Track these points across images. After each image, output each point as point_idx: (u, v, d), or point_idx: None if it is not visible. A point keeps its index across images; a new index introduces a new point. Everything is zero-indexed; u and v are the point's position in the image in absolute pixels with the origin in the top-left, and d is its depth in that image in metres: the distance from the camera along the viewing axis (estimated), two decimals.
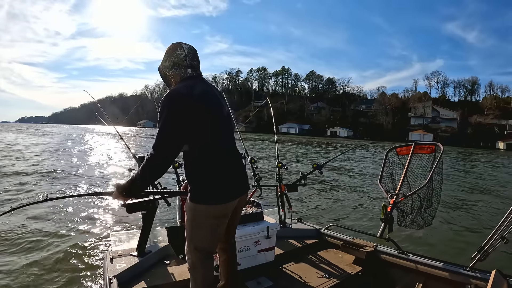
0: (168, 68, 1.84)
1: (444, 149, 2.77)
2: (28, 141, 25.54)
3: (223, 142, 1.84)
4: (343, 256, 2.96)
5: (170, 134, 1.65)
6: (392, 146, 3.16)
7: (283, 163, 3.50)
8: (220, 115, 1.84)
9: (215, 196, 1.76)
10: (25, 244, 4.46)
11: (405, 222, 2.85)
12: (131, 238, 2.87)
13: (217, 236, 1.88)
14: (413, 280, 2.51)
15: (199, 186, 1.77)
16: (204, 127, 1.72)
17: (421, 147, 2.92)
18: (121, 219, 5.62)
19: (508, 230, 2.16)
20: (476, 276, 2.23)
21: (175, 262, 2.66)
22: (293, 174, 5.46)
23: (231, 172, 1.85)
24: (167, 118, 1.65)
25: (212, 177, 1.76)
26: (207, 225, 1.80)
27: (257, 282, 2.49)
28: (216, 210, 1.77)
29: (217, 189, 1.77)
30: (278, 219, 3.36)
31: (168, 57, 1.84)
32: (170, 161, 1.69)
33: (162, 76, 1.91)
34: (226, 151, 1.86)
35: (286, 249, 3.03)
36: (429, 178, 2.68)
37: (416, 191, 2.75)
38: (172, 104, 1.66)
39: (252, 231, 2.58)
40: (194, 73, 1.85)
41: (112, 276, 2.25)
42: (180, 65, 1.81)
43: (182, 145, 1.71)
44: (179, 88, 1.75)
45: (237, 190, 1.88)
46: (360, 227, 5.74)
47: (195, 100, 1.69)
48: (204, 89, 1.80)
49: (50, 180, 9.28)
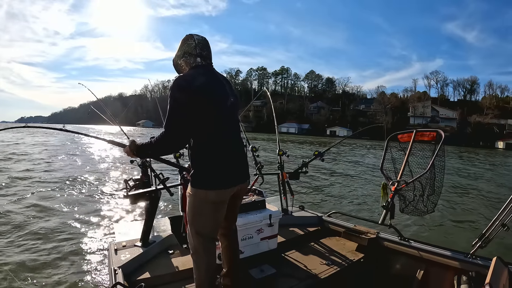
0: (179, 57, 1.94)
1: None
2: (30, 141, 25.50)
3: (226, 131, 1.88)
4: (345, 243, 2.98)
5: (175, 117, 1.74)
6: (394, 133, 3.16)
7: (284, 151, 3.49)
8: (223, 105, 1.87)
9: (214, 181, 1.80)
10: (29, 234, 4.50)
11: (407, 209, 2.85)
12: (135, 229, 2.89)
13: (217, 221, 1.92)
14: (415, 267, 2.52)
15: (200, 172, 1.81)
16: (204, 117, 1.77)
17: (423, 134, 2.92)
18: (124, 210, 5.65)
19: (509, 217, 2.17)
20: (477, 263, 2.25)
21: (178, 251, 2.67)
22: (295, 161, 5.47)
23: (231, 161, 1.89)
24: (171, 103, 1.74)
25: (213, 164, 1.81)
26: (207, 210, 1.85)
27: (260, 269, 2.50)
28: (215, 195, 1.82)
29: (217, 175, 1.81)
30: (280, 207, 3.38)
31: (180, 47, 1.94)
32: (178, 142, 1.80)
33: (174, 66, 2.00)
34: (228, 141, 1.89)
35: (289, 237, 3.04)
36: (430, 165, 2.68)
37: (418, 178, 2.75)
38: (174, 91, 1.75)
39: (254, 219, 2.59)
40: (204, 62, 1.92)
41: (117, 267, 2.25)
42: (190, 54, 1.90)
43: (189, 129, 1.77)
44: (183, 77, 1.82)
45: (236, 178, 1.92)
46: (362, 214, 5.76)
47: (194, 91, 1.74)
48: (208, 79, 1.85)
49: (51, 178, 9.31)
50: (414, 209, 2.83)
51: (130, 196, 2.54)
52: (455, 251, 2.42)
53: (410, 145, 2.95)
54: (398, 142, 3.08)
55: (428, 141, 2.90)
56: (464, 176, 12.81)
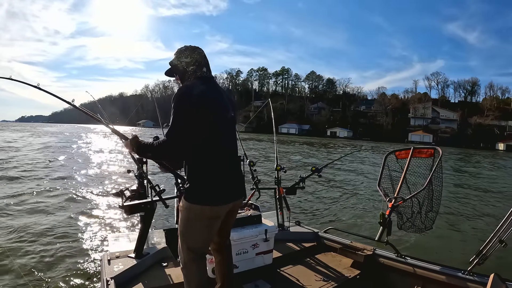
0: (188, 64, 1.91)
1: (444, 150, 2.77)
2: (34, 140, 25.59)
3: (224, 146, 1.87)
4: (341, 260, 2.95)
5: (178, 127, 1.72)
6: (391, 150, 3.17)
7: (282, 166, 3.50)
8: (224, 119, 1.87)
9: (210, 197, 1.79)
10: (23, 243, 4.46)
11: (405, 226, 2.85)
12: (129, 239, 2.88)
13: (209, 236, 1.92)
14: (411, 284, 2.50)
15: (195, 186, 1.80)
16: (205, 129, 1.76)
17: (420, 151, 2.93)
18: (119, 221, 5.62)
19: (507, 234, 2.16)
20: (474, 280, 2.23)
21: (172, 264, 2.65)
22: (292, 177, 5.45)
23: (228, 177, 1.87)
24: (175, 112, 1.74)
25: (209, 179, 1.80)
26: (201, 225, 1.83)
27: (255, 285, 2.48)
28: (210, 211, 1.80)
29: (212, 191, 1.80)
30: (277, 222, 3.36)
31: (188, 54, 1.92)
32: (178, 151, 1.78)
33: (178, 71, 1.96)
34: (226, 156, 1.88)
35: (284, 252, 3.02)
36: (428, 181, 2.68)
37: (415, 195, 2.75)
38: (180, 100, 1.75)
39: (250, 234, 2.57)
40: (209, 74, 1.95)
41: (109, 277, 2.24)
42: (200, 63, 1.92)
43: (190, 139, 1.74)
44: (187, 87, 1.81)
45: (232, 195, 1.90)
46: (359, 230, 5.74)
47: (199, 103, 1.74)
48: (213, 92, 1.86)
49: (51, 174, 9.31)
50: (411, 225, 2.83)
51: (125, 207, 2.52)
52: (452, 267, 2.41)
53: (408, 161, 2.95)
54: (395, 159, 3.07)
55: (426, 157, 2.89)
56: (463, 184, 12.78)
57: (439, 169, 2.72)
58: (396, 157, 3.06)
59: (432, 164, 2.81)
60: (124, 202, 2.54)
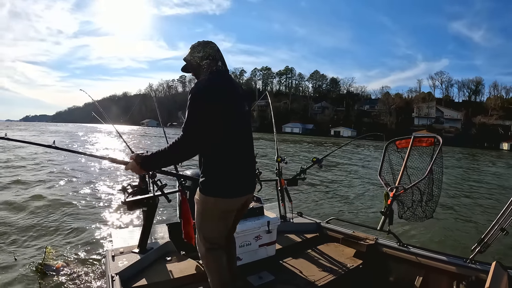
0: (202, 59, 1.90)
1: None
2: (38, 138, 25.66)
3: (239, 140, 1.88)
4: (344, 250, 2.97)
5: (194, 123, 1.72)
6: (392, 139, 3.16)
7: (283, 158, 3.48)
8: (240, 113, 1.88)
9: (225, 190, 1.81)
10: (27, 239, 4.50)
11: (406, 215, 2.86)
12: (132, 235, 2.86)
13: (224, 228, 1.96)
14: (414, 273, 2.52)
15: (211, 179, 1.81)
16: (221, 124, 1.77)
17: (420, 139, 2.93)
18: (122, 216, 5.66)
19: (508, 222, 2.17)
20: (476, 268, 2.24)
21: (176, 258, 2.66)
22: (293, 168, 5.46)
23: (243, 170, 1.89)
24: (191, 108, 1.73)
25: (224, 172, 1.81)
26: (216, 217, 1.87)
27: (259, 276, 2.49)
28: (224, 203, 1.83)
29: (228, 184, 1.82)
30: (279, 213, 3.37)
31: (201, 49, 1.91)
32: (194, 147, 1.76)
33: (192, 67, 1.95)
34: (241, 150, 1.89)
35: (287, 244, 3.04)
36: (429, 170, 2.68)
37: (416, 184, 2.75)
38: (196, 96, 1.74)
39: (252, 226, 2.59)
40: (224, 67, 1.93)
41: (114, 273, 2.24)
42: (214, 57, 1.90)
43: (206, 134, 1.75)
44: (204, 82, 1.82)
45: (246, 188, 1.93)
46: (360, 220, 5.74)
47: (215, 98, 1.75)
48: (229, 86, 1.87)
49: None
50: (412, 214, 2.84)
51: (127, 203, 2.51)
52: (454, 256, 2.42)
53: (409, 151, 2.95)
54: (396, 148, 3.07)
55: (427, 146, 2.89)
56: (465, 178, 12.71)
57: (439, 158, 2.72)
58: (397, 146, 3.07)
59: (432, 153, 2.81)
60: (126, 198, 2.53)
